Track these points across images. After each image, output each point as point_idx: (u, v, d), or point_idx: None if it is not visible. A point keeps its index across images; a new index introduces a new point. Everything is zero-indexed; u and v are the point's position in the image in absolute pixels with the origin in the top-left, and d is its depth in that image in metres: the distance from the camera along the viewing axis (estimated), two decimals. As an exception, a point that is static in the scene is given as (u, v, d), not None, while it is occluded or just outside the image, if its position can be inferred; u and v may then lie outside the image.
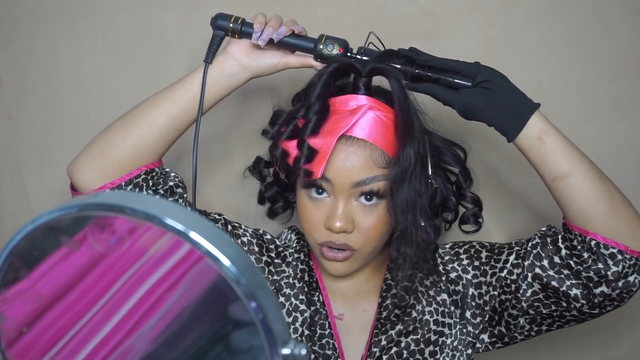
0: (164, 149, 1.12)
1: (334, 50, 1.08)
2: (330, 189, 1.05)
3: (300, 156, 1.03)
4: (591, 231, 1.04)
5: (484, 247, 1.15)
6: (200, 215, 1.13)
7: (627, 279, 1.04)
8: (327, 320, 1.12)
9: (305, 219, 1.09)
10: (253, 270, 0.58)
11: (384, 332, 1.11)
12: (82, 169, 1.09)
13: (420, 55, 1.07)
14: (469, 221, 1.16)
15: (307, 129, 1.03)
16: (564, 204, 1.06)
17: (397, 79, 1.04)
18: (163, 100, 1.10)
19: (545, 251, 1.08)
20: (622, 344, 1.47)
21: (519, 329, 1.11)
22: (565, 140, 1.05)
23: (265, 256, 1.16)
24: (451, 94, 1.05)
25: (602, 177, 1.05)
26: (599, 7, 1.37)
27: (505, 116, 1.04)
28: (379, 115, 1.04)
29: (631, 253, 1.03)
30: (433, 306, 1.13)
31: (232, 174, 1.40)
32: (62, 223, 0.61)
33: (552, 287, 1.06)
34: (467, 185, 1.15)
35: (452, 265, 1.15)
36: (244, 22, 1.10)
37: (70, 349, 0.64)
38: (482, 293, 1.13)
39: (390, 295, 1.13)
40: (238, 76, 1.11)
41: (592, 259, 1.04)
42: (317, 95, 1.04)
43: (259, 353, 0.59)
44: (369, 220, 1.05)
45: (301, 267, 1.16)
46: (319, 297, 1.14)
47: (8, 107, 1.39)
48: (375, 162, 1.04)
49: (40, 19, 1.38)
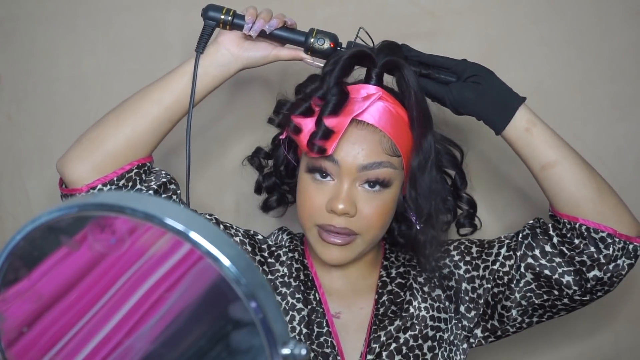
0: (156, 141, 1.12)
1: (324, 45, 1.10)
2: (335, 172, 1.06)
3: (317, 131, 1.04)
4: (580, 217, 1.07)
5: (474, 243, 1.17)
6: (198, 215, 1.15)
7: (617, 262, 1.07)
8: (324, 319, 1.12)
9: (307, 203, 1.08)
10: (253, 270, 0.58)
11: (383, 328, 1.11)
12: (73, 163, 1.08)
13: (410, 51, 1.10)
14: (465, 224, 1.18)
15: (327, 109, 1.04)
16: (553, 192, 1.09)
17: (412, 72, 1.06)
18: (155, 91, 1.11)
19: (536, 241, 1.11)
20: (622, 342, 1.47)
21: (511, 321, 1.13)
22: (551, 131, 1.09)
23: (259, 256, 1.16)
24: (441, 88, 1.09)
25: (587, 165, 1.09)
26: (599, 7, 1.38)
27: (494, 108, 1.07)
28: (389, 107, 1.06)
29: (620, 236, 1.06)
30: (428, 302, 1.14)
31: (225, 170, 1.40)
32: (62, 223, 0.61)
33: (545, 275, 1.09)
34: (463, 187, 1.16)
35: (444, 262, 1.16)
36: (235, 13, 1.11)
37: (70, 349, 0.64)
38: (475, 287, 1.14)
39: (386, 292, 1.14)
40: (229, 66, 1.12)
41: (583, 244, 1.07)
42: (335, 78, 1.05)
43: (259, 353, 0.59)
44: (372, 206, 1.06)
45: (296, 266, 1.16)
46: (315, 296, 1.14)
47: (8, 107, 1.39)
48: (384, 148, 1.05)
49: (40, 19, 1.38)
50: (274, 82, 1.36)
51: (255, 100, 1.39)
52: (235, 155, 1.38)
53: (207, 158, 1.42)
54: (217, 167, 1.42)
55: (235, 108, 1.40)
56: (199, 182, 1.42)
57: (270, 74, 1.36)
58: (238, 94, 1.40)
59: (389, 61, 1.07)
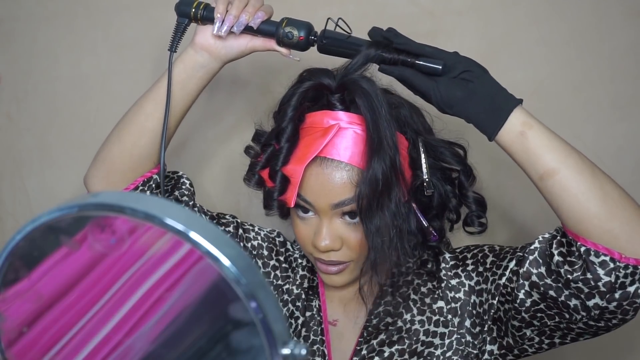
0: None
1: (294, 38, 1.04)
2: (313, 210, 1.04)
3: (273, 189, 1.03)
4: (582, 236, 0.93)
5: (492, 252, 1.08)
6: (212, 219, 1.15)
7: (626, 290, 0.91)
8: (320, 327, 1.12)
9: (298, 235, 1.08)
10: (253, 270, 0.58)
11: (367, 342, 1.09)
12: (92, 182, 1.10)
13: (398, 37, 1.00)
14: (472, 223, 1.10)
15: (278, 159, 1.02)
16: (555, 205, 0.96)
17: (365, 95, 0.98)
18: (148, 104, 1.09)
19: (544, 257, 0.98)
20: (622, 342, 1.47)
21: (527, 340, 1.02)
22: (551, 134, 0.96)
23: (274, 260, 1.16)
24: (428, 82, 0.98)
25: (594, 173, 0.94)
26: (599, 7, 1.37)
27: (485, 110, 0.96)
28: (356, 131, 1.01)
29: (625, 261, 0.91)
30: (426, 315, 1.09)
31: (225, 170, 1.41)
32: (62, 223, 0.61)
33: (551, 296, 0.96)
34: (470, 184, 1.09)
35: (456, 272, 1.10)
36: (206, 6, 1.06)
37: (70, 349, 0.64)
38: (482, 301, 1.06)
39: (384, 302, 1.10)
40: (211, 66, 1.08)
41: (582, 267, 0.93)
42: (288, 119, 1.02)
43: (259, 353, 0.58)
44: (356, 236, 1.03)
45: (302, 274, 1.16)
46: (316, 303, 1.14)
47: (8, 107, 1.39)
48: (352, 181, 1.00)
49: (40, 19, 1.38)
50: (274, 82, 1.36)
51: (255, 100, 1.39)
52: (236, 156, 1.38)
53: (207, 158, 1.43)
54: (217, 167, 1.42)
55: (235, 108, 1.40)
56: (199, 182, 1.42)
57: (270, 74, 1.36)
58: (238, 94, 1.40)
59: (344, 83, 1.01)
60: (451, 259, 1.11)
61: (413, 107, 1.10)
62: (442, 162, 1.08)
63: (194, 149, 1.41)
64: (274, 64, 1.16)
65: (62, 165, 1.40)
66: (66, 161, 1.35)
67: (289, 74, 1.10)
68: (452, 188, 1.09)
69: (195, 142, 1.41)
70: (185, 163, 1.41)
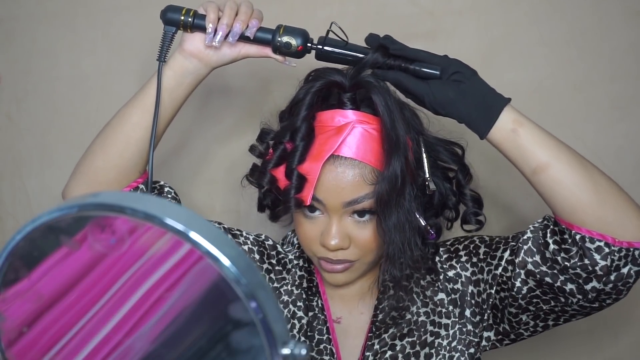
0: (147, 159, 1.08)
1: (291, 48, 1.02)
2: (322, 208, 1.04)
3: (290, 187, 1.03)
4: (577, 224, 0.98)
5: (483, 242, 1.12)
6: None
7: (620, 271, 0.97)
8: (325, 325, 1.12)
9: (302, 236, 1.08)
10: (253, 270, 0.58)
11: (378, 336, 1.10)
12: (73, 195, 1.06)
13: (394, 43, 1.03)
14: (470, 221, 1.13)
15: (294, 158, 1.02)
16: (548, 198, 1.01)
17: (381, 94, 1.01)
18: (134, 114, 1.05)
19: (537, 246, 1.02)
20: (622, 343, 1.47)
21: (523, 325, 1.07)
22: (541, 130, 1.00)
23: (266, 264, 1.15)
24: (421, 85, 1.01)
25: (584, 164, 0.99)
26: (599, 7, 1.38)
27: (476, 110, 0.99)
28: (367, 129, 1.03)
29: (619, 244, 0.97)
30: (429, 307, 1.12)
31: (225, 170, 1.40)
32: (62, 223, 0.61)
33: (547, 283, 1.01)
34: (467, 182, 1.12)
35: (451, 263, 1.13)
36: (196, 14, 1.02)
37: (70, 349, 0.64)
38: (480, 291, 1.10)
39: (388, 297, 1.11)
40: (199, 72, 1.05)
41: (579, 254, 0.98)
42: (302, 117, 1.03)
43: (259, 353, 0.59)
44: (365, 234, 1.05)
45: (299, 274, 1.16)
46: (318, 302, 1.14)
47: (8, 107, 1.39)
48: (365, 179, 1.02)
49: (40, 19, 1.38)
50: (274, 83, 1.36)
51: (255, 100, 1.39)
52: (235, 156, 1.38)
53: (207, 158, 1.42)
54: (218, 168, 1.42)
55: (235, 108, 1.40)
56: (199, 182, 1.42)
57: (270, 74, 1.36)
58: (238, 95, 1.40)
59: (358, 82, 1.03)
60: (444, 252, 1.15)
61: (411, 108, 1.11)
62: (440, 161, 1.11)
63: (193, 150, 1.41)
64: (273, 65, 1.15)
65: (62, 165, 1.39)
66: (66, 161, 1.34)
67: (289, 74, 1.10)
68: (451, 186, 1.12)
69: (195, 143, 1.41)
70: (185, 164, 1.41)
